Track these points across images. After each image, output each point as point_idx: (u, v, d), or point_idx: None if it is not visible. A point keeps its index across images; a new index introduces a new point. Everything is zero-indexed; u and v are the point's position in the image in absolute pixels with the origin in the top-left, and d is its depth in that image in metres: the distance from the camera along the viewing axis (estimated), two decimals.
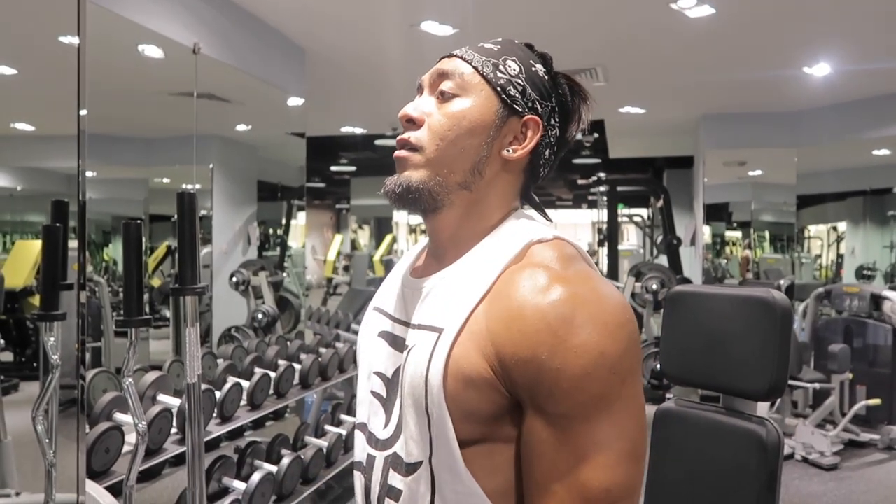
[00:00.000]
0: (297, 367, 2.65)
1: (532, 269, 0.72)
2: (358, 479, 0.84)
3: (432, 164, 0.78)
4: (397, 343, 0.83)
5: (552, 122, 0.82)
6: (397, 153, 0.80)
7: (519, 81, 0.80)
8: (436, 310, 0.77)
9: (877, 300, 4.38)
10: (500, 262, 0.75)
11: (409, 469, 0.75)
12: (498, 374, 0.69)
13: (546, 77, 0.82)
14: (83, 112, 1.44)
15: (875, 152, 5.77)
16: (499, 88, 0.79)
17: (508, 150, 0.80)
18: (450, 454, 0.71)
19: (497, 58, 0.80)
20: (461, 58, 0.81)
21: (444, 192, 0.79)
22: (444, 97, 0.80)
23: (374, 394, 0.84)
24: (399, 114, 0.81)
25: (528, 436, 0.69)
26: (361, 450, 0.84)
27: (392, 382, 0.82)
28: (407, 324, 0.82)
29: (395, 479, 0.77)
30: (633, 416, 0.68)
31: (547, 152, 0.83)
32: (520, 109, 0.80)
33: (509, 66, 0.80)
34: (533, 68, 0.82)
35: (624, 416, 0.67)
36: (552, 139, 0.83)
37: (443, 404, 0.70)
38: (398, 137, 0.81)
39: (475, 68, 0.79)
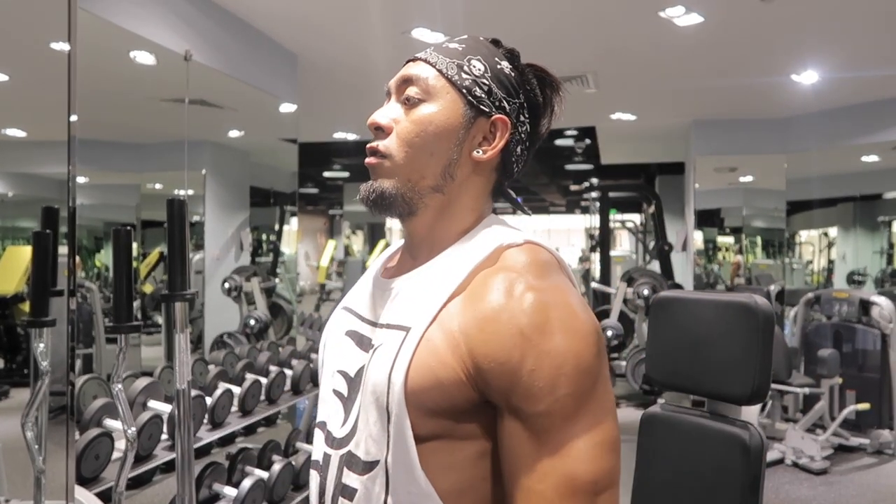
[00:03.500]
0: (289, 372, 2.65)
1: (506, 274, 0.73)
2: (314, 478, 0.84)
3: (403, 170, 0.79)
4: (363, 342, 0.83)
5: (521, 118, 0.83)
6: (368, 160, 0.81)
7: (484, 81, 0.80)
8: (403, 309, 0.78)
9: (866, 305, 4.42)
10: (470, 264, 0.76)
11: (366, 468, 0.75)
12: (470, 374, 0.70)
13: (513, 74, 0.82)
14: (73, 118, 1.45)
15: (864, 159, 5.82)
16: (464, 90, 0.79)
17: (478, 152, 0.80)
18: (406, 454, 0.72)
19: (462, 58, 0.80)
20: (425, 61, 0.81)
21: (418, 196, 0.80)
22: (410, 102, 0.80)
23: (336, 392, 0.84)
24: (367, 121, 0.81)
25: (508, 440, 0.70)
26: (319, 449, 0.84)
27: (354, 381, 0.82)
28: (374, 323, 0.82)
29: (351, 478, 0.77)
30: (608, 411, 0.71)
31: (519, 149, 0.83)
32: (487, 110, 0.80)
33: (474, 66, 0.80)
34: (498, 66, 0.81)
35: (599, 411, 0.70)
36: (523, 135, 0.83)
37: (402, 402, 0.71)
38: (368, 145, 0.81)
39: (439, 71, 0.80)
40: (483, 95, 0.79)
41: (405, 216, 0.82)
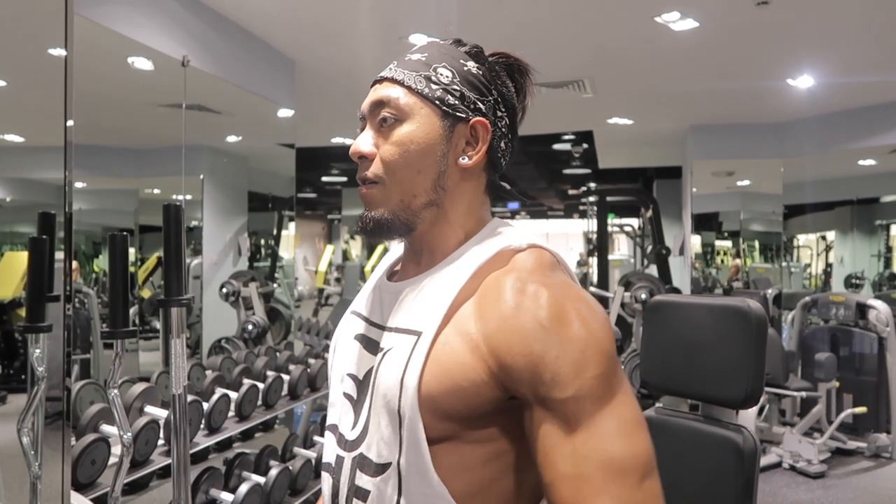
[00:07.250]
0: (286, 377, 2.65)
1: (517, 274, 0.75)
2: (326, 480, 0.85)
3: (395, 193, 0.79)
4: (370, 345, 0.84)
5: (498, 113, 0.83)
6: (361, 192, 0.82)
7: (455, 87, 0.80)
8: (412, 314, 0.78)
9: (862, 309, 4.42)
10: (474, 265, 0.77)
11: (378, 470, 0.76)
12: (494, 373, 0.71)
13: (480, 72, 0.82)
14: (70, 123, 1.45)
15: (861, 163, 5.84)
16: (437, 101, 0.79)
17: (464, 158, 0.81)
18: (419, 456, 0.73)
19: (427, 69, 0.80)
20: (391, 80, 0.81)
21: (413, 215, 0.80)
22: (387, 124, 0.80)
23: (346, 395, 0.85)
24: (350, 151, 0.82)
25: (539, 430, 0.70)
26: (331, 451, 0.85)
27: (363, 384, 0.82)
28: (382, 327, 0.83)
29: (363, 480, 0.78)
30: (629, 390, 0.72)
31: (502, 144, 0.84)
32: (463, 116, 0.80)
33: (441, 75, 0.80)
34: (465, 67, 0.81)
35: (622, 392, 0.71)
36: (504, 129, 0.84)
37: (416, 406, 0.72)
38: (358, 176, 0.82)
39: (408, 87, 0.80)
40: (456, 102, 0.80)
41: (404, 234, 0.82)
